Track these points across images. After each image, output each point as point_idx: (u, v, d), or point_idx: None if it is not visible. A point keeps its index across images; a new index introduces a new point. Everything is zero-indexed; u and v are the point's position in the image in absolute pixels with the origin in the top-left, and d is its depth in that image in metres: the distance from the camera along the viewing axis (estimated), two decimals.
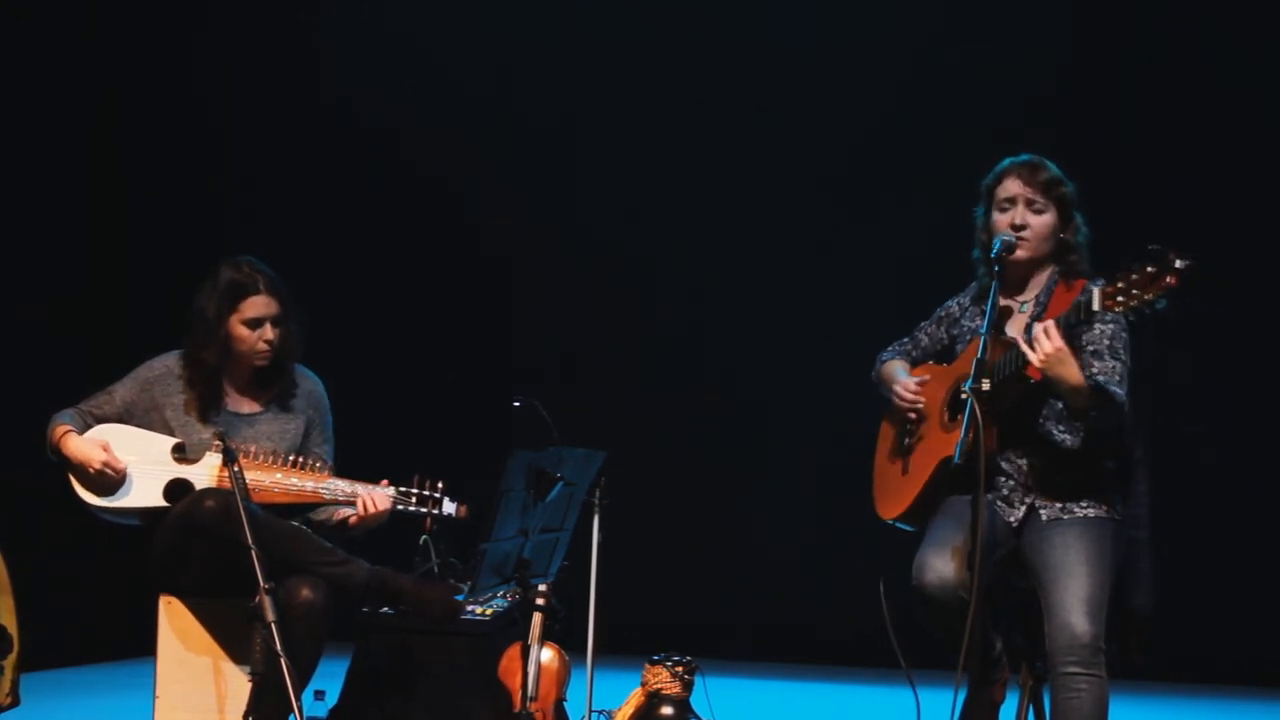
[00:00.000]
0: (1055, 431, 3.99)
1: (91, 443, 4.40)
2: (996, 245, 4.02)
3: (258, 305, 4.52)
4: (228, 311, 4.52)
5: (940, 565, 3.84)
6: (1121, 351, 3.99)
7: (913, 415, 4.19)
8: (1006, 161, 4.17)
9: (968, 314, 4.26)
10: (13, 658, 4.09)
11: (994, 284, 3.96)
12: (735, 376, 7.94)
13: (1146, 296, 3.56)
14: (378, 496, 4.42)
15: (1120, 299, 3.60)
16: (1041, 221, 4.08)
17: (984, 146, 4.51)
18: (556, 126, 8.13)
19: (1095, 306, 3.66)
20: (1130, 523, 4.02)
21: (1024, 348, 3.79)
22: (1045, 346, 3.75)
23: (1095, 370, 3.92)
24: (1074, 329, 3.80)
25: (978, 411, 3.71)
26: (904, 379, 4.24)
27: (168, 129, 7.74)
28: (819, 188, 7.85)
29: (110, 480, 4.39)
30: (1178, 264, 3.53)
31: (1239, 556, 7.35)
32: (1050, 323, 3.77)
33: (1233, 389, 7.31)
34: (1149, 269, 3.55)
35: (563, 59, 8.09)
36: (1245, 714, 6.95)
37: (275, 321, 4.54)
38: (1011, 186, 4.10)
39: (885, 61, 7.77)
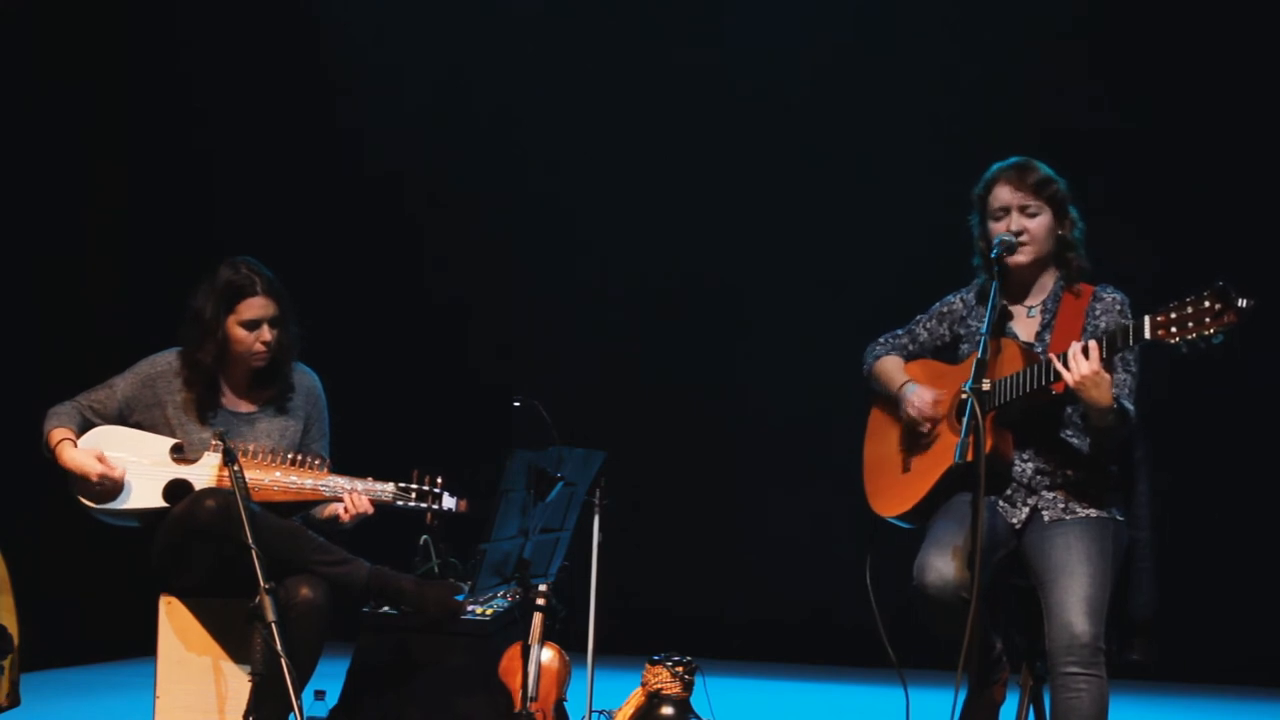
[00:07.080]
0: (1062, 435, 3.99)
1: (87, 453, 4.37)
2: (995, 245, 4.01)
3: (255, 307, 4.51)
4: (225, 313, 4.51)
5: (941, 565, 3.83)
6: (1133, 364, 3.98)
7: (926, 429, 4.15)
8: (995, 167, 4.13)
9: (974, 313, 4.22)
10: (13, 657, 4.09)
11: (995, 285, 3.95)
12: (735, 377, 7.95)
13: (1207, 332, 3.56)
14: (359, 499, 4.42)
15: (1174, 329, 3.60)
16: (1038, 224, 4.06)
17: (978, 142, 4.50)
18: (555, 127, 8.12)
19: (1147, 335, 3.64)
20: (1131, 523, 4.02)
21: (1058, 366, 3.76)
22: (1083, 368, 3.72)
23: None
24: (1116, 353, 3.77)
25: (977, 412, 3.70)
26: (921, 395, 4.15)
27: (162, 125, 7.77)
28: (818, 190, 7.85)
29: (108, 489, 4.38)
30: (1241, 303, 3.53)
31: (1239, 556, 7.34)
32: (1091, 344, 3.73)
33: (1232, 387, 7.29)
34: (1214, 304, 3.55)
35: (566, 61, 8.10)
36: (1246, 714, 6.95)
37: (273, 323, 4.53)
38: (1002, 194, 4.07)
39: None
